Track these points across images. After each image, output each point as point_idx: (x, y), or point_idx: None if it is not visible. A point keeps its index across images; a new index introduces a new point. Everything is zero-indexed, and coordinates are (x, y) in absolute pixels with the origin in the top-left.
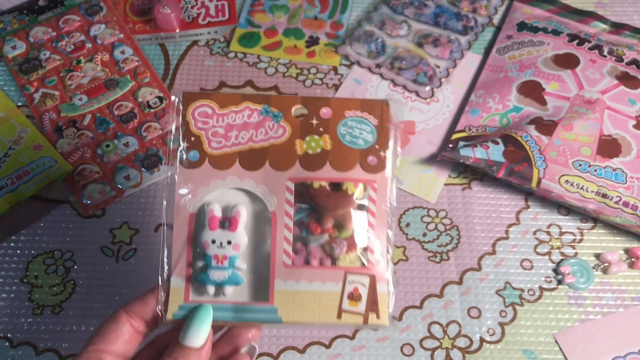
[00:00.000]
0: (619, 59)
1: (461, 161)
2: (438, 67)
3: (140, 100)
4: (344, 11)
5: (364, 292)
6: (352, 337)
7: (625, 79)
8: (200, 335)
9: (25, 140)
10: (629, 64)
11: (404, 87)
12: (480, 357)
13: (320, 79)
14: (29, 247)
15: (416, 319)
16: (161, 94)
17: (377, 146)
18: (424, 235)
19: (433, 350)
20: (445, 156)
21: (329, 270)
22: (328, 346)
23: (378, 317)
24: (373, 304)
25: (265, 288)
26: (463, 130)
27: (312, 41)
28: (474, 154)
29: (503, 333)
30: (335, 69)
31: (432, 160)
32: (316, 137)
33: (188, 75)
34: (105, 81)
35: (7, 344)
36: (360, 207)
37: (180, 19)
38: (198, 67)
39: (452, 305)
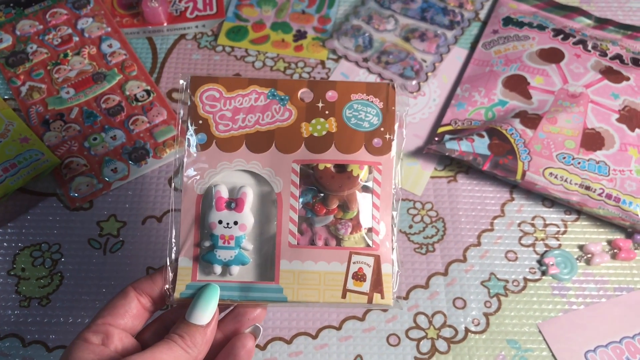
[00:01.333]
0: (603, 54)
1: (447, 154)
2: (425, 61)
3: (127, 93)
4: (331, 5)
5: (368, 272)
6: (338, 328)
7: (608, 73)
8: (206, 313)
9: (12, 133)
10: (612, 58)
11: (391, 80)
12: (465, 347)
13: (308, 73)
14: (16, 239)
15: (402, 310)
16: (149, 87)
17: (382, 129)
18: (410, 227)
19: (419, 340)
20: (432, 149)
21: (334, 250)
22: (315, 337)
23: (382, 297)
24: (377, 284)
25: (271, 268)
26: (449, 124)
27: (300, 35)
28: (459, 147)
29: (488, 323)
30: (322, 63)
31: (419, 153)
32: (322, 119)
33: (176, 69)
34: (93, 74)
35: None
36: (365, 189)
37: (168, 12)
38: (186, 61)
39: (438, 296)
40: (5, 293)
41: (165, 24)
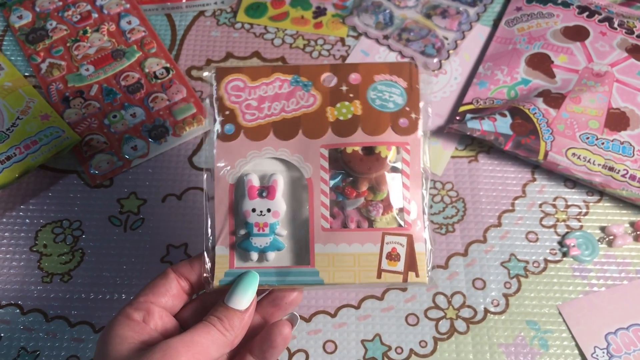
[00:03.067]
0: (630, 32)
1: (468, 133)
2: (446, 38)
3: (147, 70)
4: None
5: (402, 251)
6: (357, 307)
7: (635, 51)
8: (245, 298)
9: (33, 110)
10: (639, 36)
11: (412, 58)
12: (484, 327)
13: (328, 50)
14: (38, 216)
15: (421, 290)
16: (168, 65)
17: (407, 108)
18: (430, 207)
19: (437, 320)
20: (453, 128)
21: (367, 232)
22: (334, 315)
23: (417, 275)
24: (412, 263)
25: (305, 252)
26: (470, 103)
27: (320, 12)
28: (481, 126)
29: (507, 304)
30: (342, 40)
31: (439, 132)
32: (346, 103)
33: (195, 46)
34: (112, 51)
35: (18, 310)
36: (394, 170)
37: None
38: (205, 38)
39: (457, 276)
40: (29, 269)
41: (184, 1)
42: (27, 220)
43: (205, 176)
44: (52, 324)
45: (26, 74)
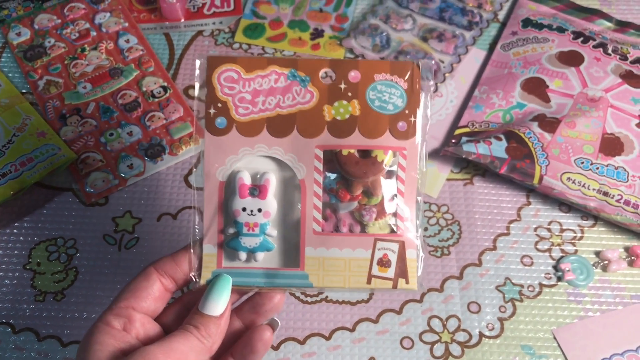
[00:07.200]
0: (624, 58)
1: (464, 156)
2: (442, 62)
3: (144, 89)
4: (349, 4)
5: (393, 258)
6: (352, 330)
7: (629, 77)
8: (219, 304)
9: (29, 128)
10: (633, 62)
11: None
12: (479, 351)
13: (325, 72)
14: (32, 234)
15: (416, 313)
16: (165, 84)
17: (407, 111)
18: (425, 229)
19: (432, 344)
20: (448, 151)
21: (359, 237)
22: (328, 338)
23: (407, 282)
24: (402, 270)
25: (296, 254)
26: (466, 126)
27: (317, 34)
28: (476, 149)
29: (502, 328)
30: None
31: (435, 155)
32: (345, 102)
33: (192, 66)
34: (110, 70)
35: (9, 329)
36: (390, 174)
37: (185, 8)
38: None
39: (452, 299)
40: (21, 287)
41: (182, 20)
42: (21, 238)
43: (194, 170)
44: (44, 343)
45: (23, 90)
